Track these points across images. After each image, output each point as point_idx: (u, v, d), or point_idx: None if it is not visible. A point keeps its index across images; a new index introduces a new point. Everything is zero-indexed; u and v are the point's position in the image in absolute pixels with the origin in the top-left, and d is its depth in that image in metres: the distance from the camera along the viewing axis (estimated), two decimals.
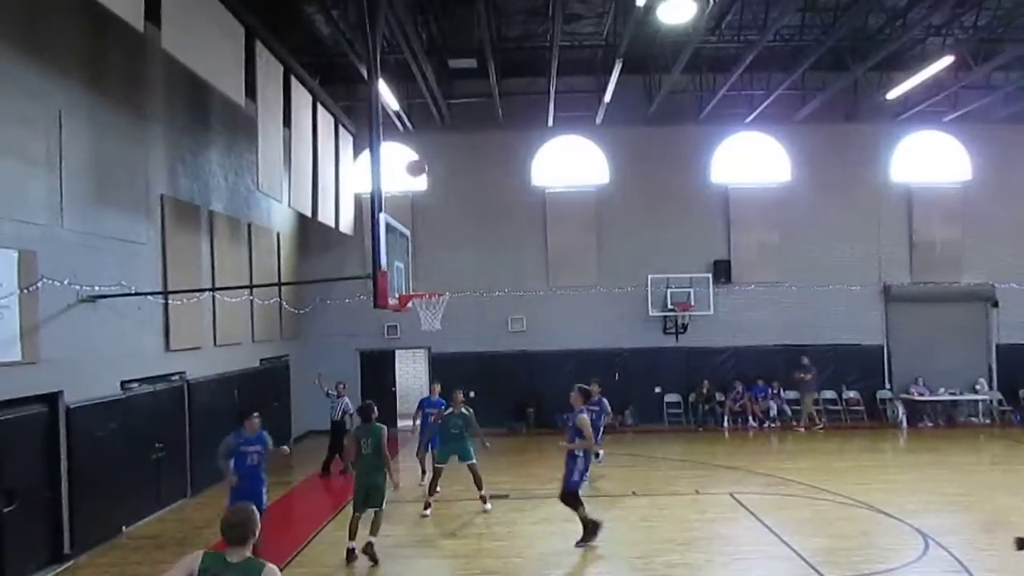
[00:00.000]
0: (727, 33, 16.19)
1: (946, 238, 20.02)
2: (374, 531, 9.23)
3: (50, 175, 9.44)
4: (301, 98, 14.15)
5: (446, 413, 12.07)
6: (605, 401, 13.31)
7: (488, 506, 11.58)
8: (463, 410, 11.89)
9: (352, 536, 9.22)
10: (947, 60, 14.86)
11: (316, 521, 11.22)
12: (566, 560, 9.20)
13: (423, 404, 13.43)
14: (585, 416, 9.72)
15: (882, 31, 15.89)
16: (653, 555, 9.21)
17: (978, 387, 19.36)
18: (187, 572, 4.29)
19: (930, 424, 18.88)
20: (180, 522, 11.43)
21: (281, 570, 8.96)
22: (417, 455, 13.46)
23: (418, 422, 13.44)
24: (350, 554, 9.18)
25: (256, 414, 9.30)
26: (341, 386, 15.25)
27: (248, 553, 4.33)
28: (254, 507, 4.56)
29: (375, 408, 9.82)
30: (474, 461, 11.80)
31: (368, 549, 9.08)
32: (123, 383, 11.04)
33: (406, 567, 9.12)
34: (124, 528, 10.74)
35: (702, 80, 18.58)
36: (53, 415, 9.49)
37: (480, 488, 11.71)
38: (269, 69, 12.45)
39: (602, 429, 13.50)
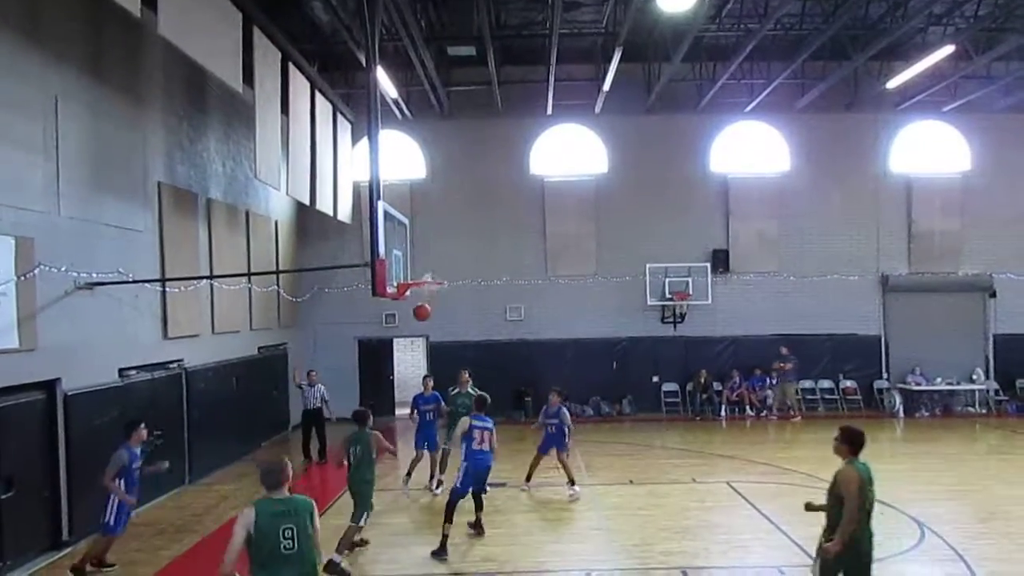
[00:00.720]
0: (727, 22, 16.12)
1: (945, 228, 20.01)
2: (339, 546, 8.41)
3: (47, 162, 9.40)
4: (299, 85, 14.07)
5: (453, 393, 12.21)
6: (565, 411, 12.04)
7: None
8: (470, 389, 12.02)
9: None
10: (948, 49, 14.80)
11: None
12: (563, 548, 9.24)
13: (417, 402, 12.54)
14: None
15: (883, 20, 15.82)
16: (650, 543, 9.24)
17: (975, 377, 19.41)
18: (245, 530, 4.96)
19: (927, 414, 18.92)
20: (179, 509, 11.46)
21: None
22: (414, 458, 12.42)
23: (416, 418, 12.55)
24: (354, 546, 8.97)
25: (143, 424, 8.77)
26: (313, 374, 15.00)
27: (287, 493, 5.12)
28: (284, 458, 5.36)
29: (370, 414, 9.34)
30: None
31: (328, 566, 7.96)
32: (121, 370, 11.05)
33: (404, 554, 9.15)
34: None
35: (702, 69, 18.52)
36: (51, 402, 9.50)
37: None
38: (267, 56, 12.37)
39: (568, 437, 11.88)
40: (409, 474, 12.27)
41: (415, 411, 12.49)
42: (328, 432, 14.57)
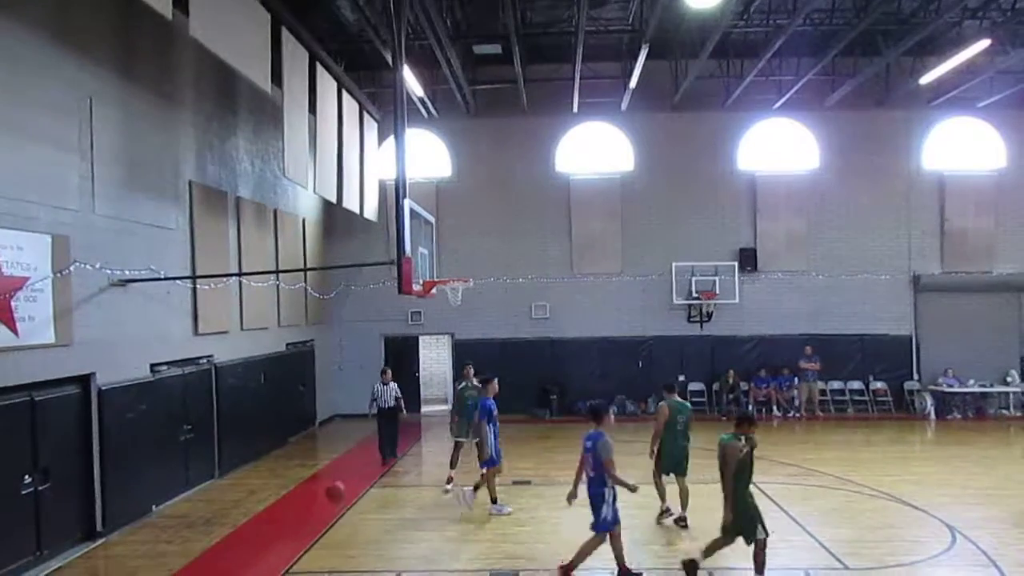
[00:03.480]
0: (756, 17, 15.95)
1: (978, 227, 19.65)
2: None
3: (82, 161, 9.60)
4: (326, 85, 14.20)
5: (459, 387, 12.43)
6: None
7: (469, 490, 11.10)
8: (474, 382, 12.17)
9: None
10: (983, 44, 14.51)
11: (321, 523, 11.10)
12: None
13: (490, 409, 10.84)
14: None
15: (916, 14, 15.54)
16: (675, 543, 9.24)
17: (1009, 379, 19.03)
18: None
19: (959, 416, 18.60)
20: (208, 502, 11.64)
21: (306, 551, 9.12)
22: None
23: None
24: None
25: (613, 407, 8.50)
26: (388, 372, 14.69)
27: None
28: None
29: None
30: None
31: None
32: (153, 366, 11.25)
33: (429, 551, 9.20)
34: (154, 507, 10.97)
35: (729, 65, 18.36)
36: (86, 396, 9.71)
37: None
38: (295, 56, 12.50)
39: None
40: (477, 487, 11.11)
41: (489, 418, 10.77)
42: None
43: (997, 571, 8.07)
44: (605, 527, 8.02)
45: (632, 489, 8.04)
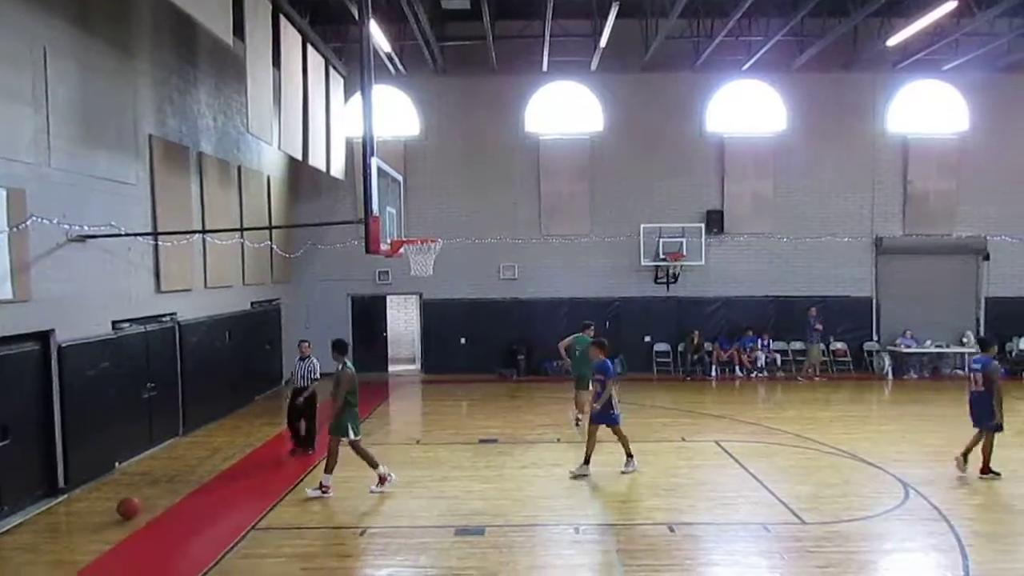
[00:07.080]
0: None
1: (940, 189, 19.97)
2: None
3: (36, 114, 9.29)
4: (290, 38, 13.84)
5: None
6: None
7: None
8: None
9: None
10: (950, 5, 14.53)
11: (287, 481, 10.53)
12: (552, 503, 9.38)
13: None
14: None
15: None
16: (637, 500, 9.40)
17: (965, 339, 19.56)
18: None
19: (916, 376, 19.12)
20: (172, 460, 11.59)
21: (271, 508, 9.07)
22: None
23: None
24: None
25: None
26: (306, 345, 12.28)
27: None
28: None
29: None
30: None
31: None
32: (114, 323, 11.07)
33: (395, 508, 9.28)
34: (117, 464, 10.90)
35: (699, 25, 18.25)
36: (45, 353, 9.54)
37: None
38: (257, 7, 12.14)
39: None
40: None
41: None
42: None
43: (947, 525, 8.35)
44: (994, 428, 10.00)
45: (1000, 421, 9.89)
